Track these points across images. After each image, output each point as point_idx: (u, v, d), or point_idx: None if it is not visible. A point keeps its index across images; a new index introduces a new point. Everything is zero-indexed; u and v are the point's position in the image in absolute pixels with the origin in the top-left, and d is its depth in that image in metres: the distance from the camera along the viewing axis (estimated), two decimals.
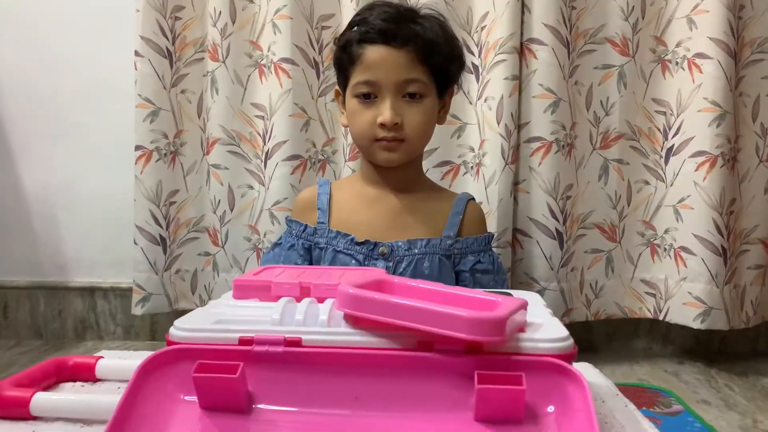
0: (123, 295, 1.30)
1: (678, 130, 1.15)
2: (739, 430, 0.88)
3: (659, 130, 1.18)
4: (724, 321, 1.11)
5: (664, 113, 1.17)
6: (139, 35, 1.15)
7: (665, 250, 1.17)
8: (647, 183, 1.19)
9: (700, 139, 1.11)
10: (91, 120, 1.30)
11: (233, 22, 1.17)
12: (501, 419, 0.39)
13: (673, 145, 1.16)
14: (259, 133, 1.19)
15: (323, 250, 0.89)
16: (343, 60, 0.89)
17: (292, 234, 0.93)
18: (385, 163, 0.89)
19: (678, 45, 1.14)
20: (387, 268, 0.84)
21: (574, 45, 1.15)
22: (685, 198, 1.13)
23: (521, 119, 1.14)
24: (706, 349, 1.26)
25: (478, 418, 0.39)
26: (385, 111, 0.84)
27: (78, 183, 1.32)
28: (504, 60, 1.11)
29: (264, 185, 1.19)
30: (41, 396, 0.46)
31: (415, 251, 0.88)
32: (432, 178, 1.05)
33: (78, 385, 0.54)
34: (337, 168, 1.22)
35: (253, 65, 1.19)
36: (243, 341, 0.42)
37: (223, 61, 1.17)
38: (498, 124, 1.12)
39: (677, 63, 1.15)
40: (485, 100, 1.15)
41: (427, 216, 0.92)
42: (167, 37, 1.18)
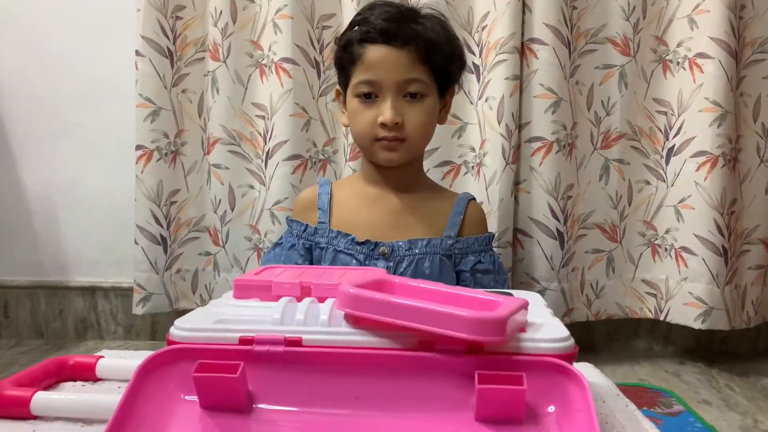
0: (124, 295, 1.31)
1: (679, 130, 1.15)
2: (739, 431, 0.88)
3: (660, 130, 1.18)
4: (725, 321, 1.11)
5: (665, 113, 1.17)
6: (139, 35, 1.16)
7: (666, 250, 1.17)
8: (648, 183, 1.19)
9: (701, 139, 1.11)
10: (91, 120, 1.31)
11: (234, 22, 1.17)
12: (502, 419, 0.39)
13: (674, 145, 1.15)
14: (259, 133, 1.19)
15: (324, 250, 0.89)
16: (344, 59, 0.89)
17: (292, 234, 0.93)
18: (386, 163, 0.89)
19: (679, 45, 1.14)
20: (388, 268, 0.84)
21: (575, 45, 1.15)
22: (686, 198, 1.13)
23: (522, 119, 1.14)
24: (707, 349, 1.26)
25: (479, 418, 0.39)
26: (385, 111, 0.84)
27: (79, 182, 1.32)
28: (505, 60, 1.11)
29: (265, 185, 1.19)
30: (42, 395, 0.46)
31: (416, 251, 0.88)
32: (433, 177, 1.05)
33: (78, 384, 0.54)
34: (337, 168, 1.22)
35: (253, 65, 1.19)
36: (243, 341, 0.42)
37: (224, 61, 1.17)
38: (499, 123, 1.12)
39: (678, 63, 1.15)
40: (486, 100, 1.15)
41: (427, 216, 0.91)
42: (168, 37, 1.18)
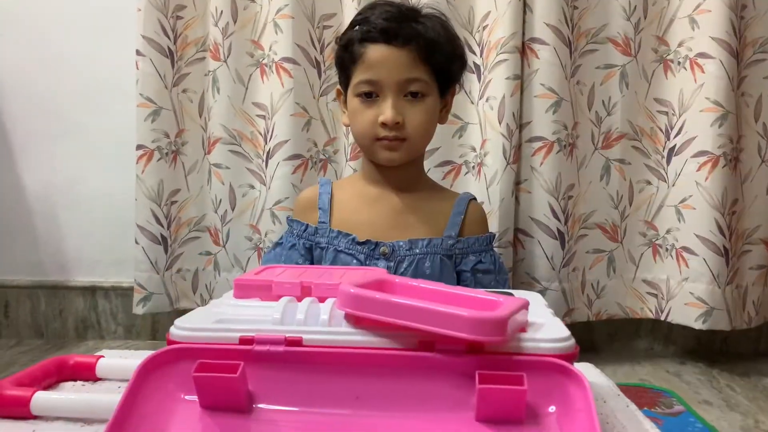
0: (124, 295, 1.30)
1: (680, 130, 1.14)
2: (740, 431, 0.88)
3: (661, 130, 1.17)
4: (726, 321, 1.11)
5: (666, 113, 1.17)
6: (140, 34, 1.16)
7: (667, 250, 1.17)
8: (649, 183, 1.19)
9: (702, 139, 1.11)
10: (92, 119, 1.31)
11: (235, 22, 1.17)
12: (502, 419, 0.39)
13: (675, 145, 1.15)
14: (260, 133, 1.19)
15: (324, 250, 0.89)
16: (345, 59, 0.89)
17: (293, 233, 0.93)
18: (387, 163, 0.89)
19: (680, 45, 1.14)
20: (388, 268, 0.84)
21: (576, 45, 1.15)
22: (686, 198, 1.13)
23: (523, 119, 1.14)
24: (708, 349, 1.26)
25: (480, 418, 0.39)
26: (386, 110, 0.84)
27: (79, 182, 1.32)
28: (506, 59, 1.11)
29: (265, 185, 1.19)
30: (42, 395, 0.46)
31: (417, 251, 0.87)
32: (433, 177, 1.05)
33: (78, 384, 0.54)
34: (338, 167, 1.22)
35: (254, 65, 1.19)
36: (244, 341, 0.42)
37: (225, 61, 1.17)
38: (499, 123, 1.12)
39: (679, 63, 1.15)
40: (487, 100, 1.14)
41: (428, 216, 0.91)
42: (169, 37, 1.18)
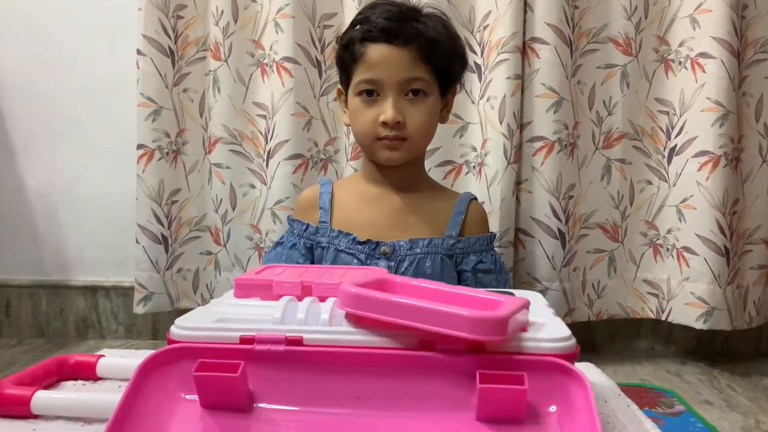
0: (125, 294, 1.31)
1: (681, 129, 1.14)
2: (741, 431, 0.88)
3: (662, 130, 1.17)
4: (727, 321, 1.11)
5: (667, 113, 1.17)
6: (141, 34, 1.16)
7: (668, 250, 1.17)
8: (650, 183, 1.19)
9: (703, 138, 1.11)
10: (93, 119, 1.31)
11: (235, 21, 1.17)
12: (503, 419, 0.39)
13: (675, 145, 1.15)
14: (261, 132, 1.19)
15: (325, 250, 0.89)
16: (346, 58, 0.89)
17: (293, 233, 0.93)
18: (388, 162, 0.89)
19: (681, 44, 1.14)
20: (389, 268, 0.84)
21: (577, 44, 1.15)
22: (687, 198, 1.13)
23: (524, 119, 1.14)
24: (709, 349, 1.26)
25: (480, 417, 0.39)
26: (387, 109, 0.84)
27: (80, 182, 1.32)
28: (506, 59, 1.11)
29: (266, 184, 1.19)
30: (42, 394, 0.46)
31: (417, 251, 0.87)
32: (434, 177, 1.05)
33: (79, 383, 0.54)
34: (339, 167, 1.22)
35: (255, 64, 1.19)
36: (244, 340, 0.42)
37: (225, 60, 1.17)
38: (500, 123, 1.12)
39: (680, 62, 1.14)
40: (488, 100, 1.14)
41: (429, 215, 0.91)
42: (169, 36, 1.18)
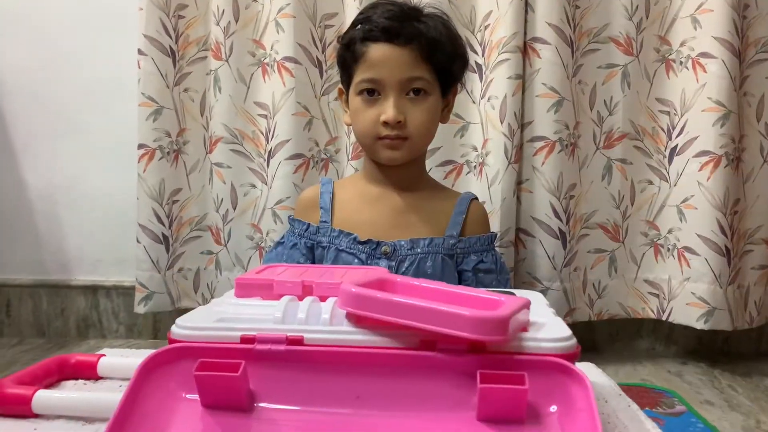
0: (126, 294, 1.31)
1: (682, 129, 1.14)
2: (742, 431, 0.88)
3: (663, 130, 1.17)
4: (728, 321, 1.11)
5: (668, 113, 1.16)
6: (142, 34, 1.16)
7: (669, 250, 1.17)
8: (651, 183, 1.19)
9: (704, 138, 1.11)
10: (94, 118, 1.31)
11: (236, 21, 1.17)
12: (503, 419, 0.39)
13: (676, 145, 1.15)
14: (261, 132, 1.19)
15: (326, 249, 0.89)
16: (347, 58, 0.89)
17: (294, 233, 0.93)
18: (388, 162, 0.89)
19: (682, 44, 1.14)
20: (389, 267, 0.84)
21: (578, 44, 1.15)
22: (688, 198, 1.13)
23: (524, 118, 1.14)
24: (710, 349, 1.26)
25: (481, 417, 0.39)
26: (388, 109, 0.84)
27: (81, 181, 1.32)
28: (507, 59, 1.11)
29: (267, 184, 1.19)
30: (43, 394, 0.46)
31: (418, 250, 0.87)
32: (435, 177, 1.05)
33: (80, 383, 0.54)
34: (339, 167, 1.22)
35: (256, 64, 1.19)
36: (245, 339, 0.42)
37: (226, 60, 1.17)
38: (501, 123, 1.12)
39: (681, 62, 1.14)
40: (488, 100, 1.14)
41: (429, 215, 0.91)
42: (170, 36, 1.18)
